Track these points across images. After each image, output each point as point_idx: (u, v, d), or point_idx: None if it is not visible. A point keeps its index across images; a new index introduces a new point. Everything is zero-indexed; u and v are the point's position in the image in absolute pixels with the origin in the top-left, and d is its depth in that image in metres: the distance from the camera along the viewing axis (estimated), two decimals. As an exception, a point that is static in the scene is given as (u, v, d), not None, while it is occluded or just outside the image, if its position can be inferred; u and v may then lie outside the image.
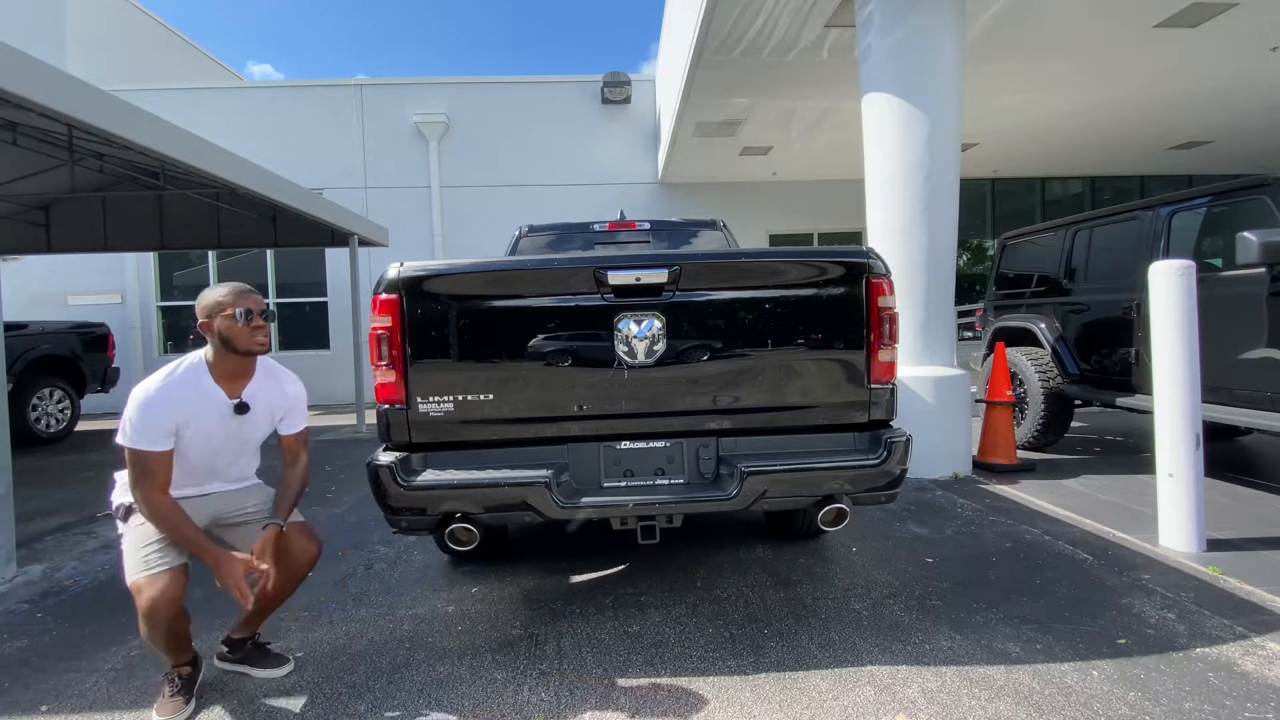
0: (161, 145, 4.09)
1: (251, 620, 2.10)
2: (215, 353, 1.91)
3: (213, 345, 1.91)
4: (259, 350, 1.94)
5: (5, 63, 2.90)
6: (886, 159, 4.52)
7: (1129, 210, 4.59)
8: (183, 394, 1.84)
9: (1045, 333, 5.14)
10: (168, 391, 1.81)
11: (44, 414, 6.94)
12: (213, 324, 1.89)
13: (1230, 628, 2.22)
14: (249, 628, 2.11)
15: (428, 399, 2.14)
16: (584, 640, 2.25)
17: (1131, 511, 3.53)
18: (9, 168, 5.91)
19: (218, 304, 1.89)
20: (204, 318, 1.90)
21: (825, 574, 2.79)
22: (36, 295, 9.83)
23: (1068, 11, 5.43)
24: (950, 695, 1.86)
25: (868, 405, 2.25)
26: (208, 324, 1.90)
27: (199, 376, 1.89)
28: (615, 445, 2.24)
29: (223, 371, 1.92)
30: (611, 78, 10.29)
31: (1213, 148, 9.70)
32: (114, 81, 8.85)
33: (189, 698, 1.93)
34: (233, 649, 2.09)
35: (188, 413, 1.83)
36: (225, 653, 2.10)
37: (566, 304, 2.18)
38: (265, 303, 1.97)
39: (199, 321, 1.92)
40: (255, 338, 1.91)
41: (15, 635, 2.44)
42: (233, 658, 2.09)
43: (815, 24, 5.54)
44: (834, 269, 2.22)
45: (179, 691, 1.92)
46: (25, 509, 4.04)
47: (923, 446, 3.95)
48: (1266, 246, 3.20)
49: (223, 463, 2.00)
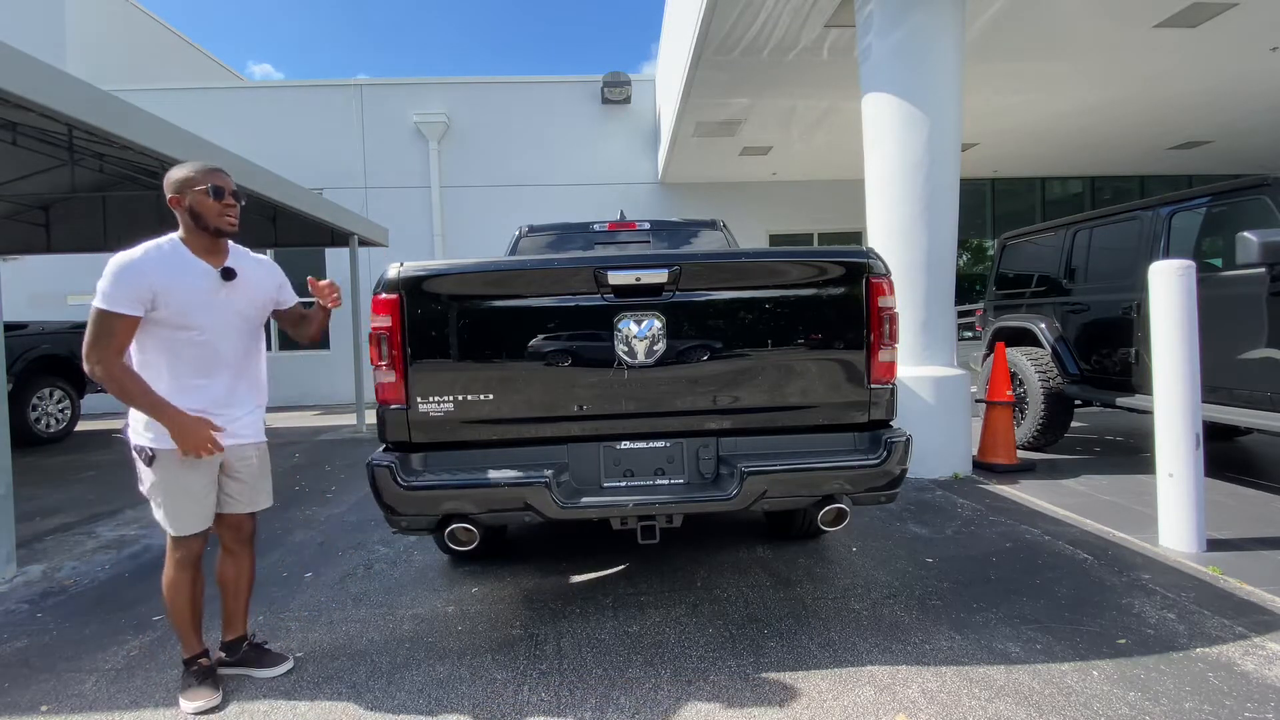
0: (161, 145, 4.09)
1: (233, 618, 2.10)
2: (186, 230, 1.89)
3: (183, 223, 1.88)
4: (228, 229, 1.91)
5: (5, 63, 2.90)
6: (886, 159, 4.52)
7: (1129, 210, 4.59)
8: (161, 261, 1.81)
9: (1045, 333, 5.14)
10: (146, 256, 1.79)
11: (44, 414, 6.94)
12: (183, 200, 1.86)
13: (1230, 628, 2.22)
14: (235, 627, 2.11)
15: (427, 399, 2.14)
16: (584, 640, 2.25)
17: (1131, 511, 3.53)
18: (9, 168, 5.90)
19: (187, 179, 1.86)
20: (173, 193, 1.87)
21: (825, 574, 2.79)
22: (36, 295, 9.82)
23: (1068, 11, 5.43)
24: (950, 695, 1.86)
25: (868, 405, 2.25)
26: (177, 199, 1.86)
27: (176, 248, 1.87)
28: (615, 445, 2.24)
29: (197, 246, 1.89)
30: (611, 78, 10.30)
31: (1213, 148, 9.70)
32: (114, 81, 8.85)
33: (217, 687, 1.95)
34: (229, 652, 2.10)
35: (166, 280, 1.79)
36: (223, 658, 2.10)
37: (566, 304, 2.18)
38: (234, 183, 1.95)
39: (168, 197, 1.88)
40: (226, 216, 1.89)
41: (15, 635, 2.44)
42: (230, 660, 2.10)
43: (815, 24, 5.54)
44: (834, 269, 2.22)
45: (205, 680, 1.95)
46: (25, 509, 4.04)
47: (923, 446, 3.95)
48: (1266, 246, 3.20)
49: (228, 347, 1.93)
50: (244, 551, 2.09)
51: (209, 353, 1.89)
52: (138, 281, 1.75)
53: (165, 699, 1.97)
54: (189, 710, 1.89)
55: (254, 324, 2.04)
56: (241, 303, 1.96)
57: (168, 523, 1.90)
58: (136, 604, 2.69)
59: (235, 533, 2.07)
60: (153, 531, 3.72)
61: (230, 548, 2.08)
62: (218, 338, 1.90)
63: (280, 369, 10.16)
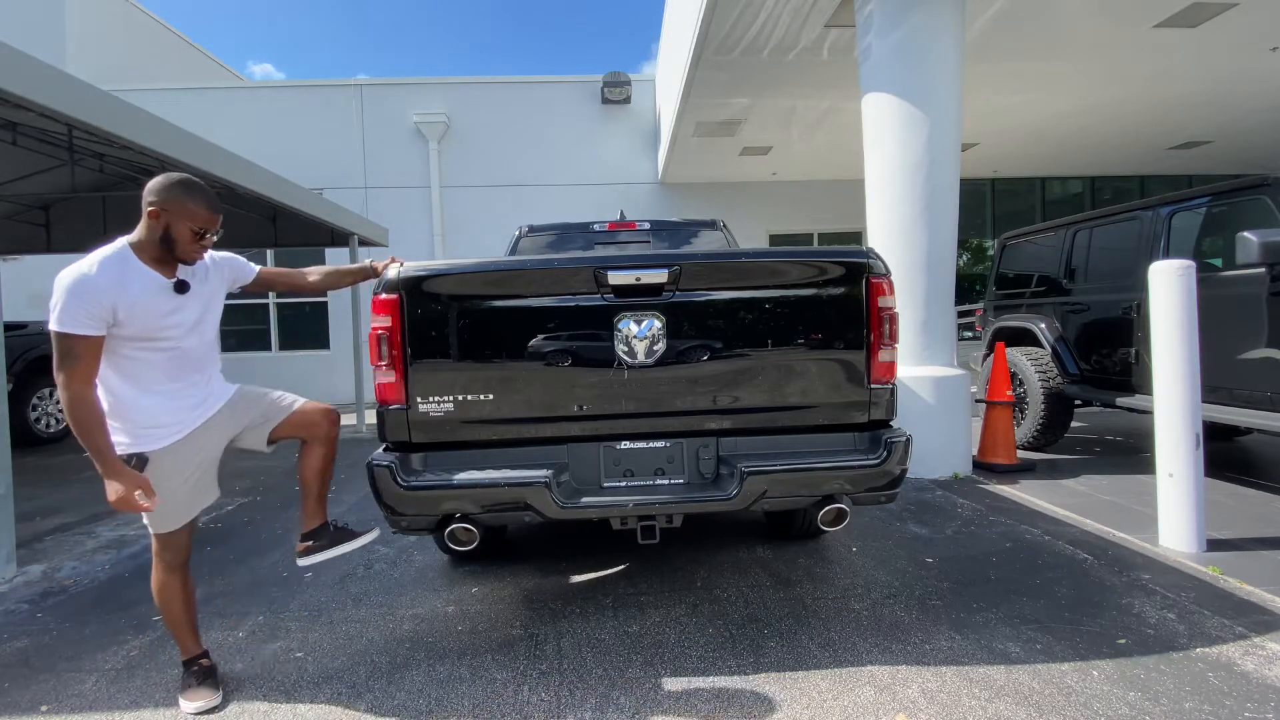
0: (161, 145, 4.09)
1: (313, 506, 2.09)
2: (146, 239, 1.78)
3: (147, 230, 1.78)
4: (191, 262, 1.86)
5: (5, 63, 2.90)
6: (886, 159, 4.52)
7: (1129, 210, 4.59)
8: (118, 277, 1.71)
9: (1045, 333, 5.14)
10: (102, 272, 1.69)
11: (44, 414, 6.94)
12: (162, 217, 1.76)
13: (1230, 628, 2.22)
14: (316, 516, 2.10)
15: (427, 399, 2.14)
16: (584, 640, 2.25)
17: (1131, 511, 3.53)
18: (9, 168, 5.90)
19: (180, 205, 1.77)
20: (157, 205, 1.76)
21: (825, 574, 2.79)
22: (36, 295, 9.77)
23: (1068, 11, 5.43)
24: (950, 695, 1.86)
25: (868, 405, 2.25)
26: (156, 213, 1.76)
27: (127, 260, 1.76)
28: (615, 445, 2.24)
29: (150, 256, 1.80)
30: (611, 78, 10.30)
31: (1213, 148, 9.70)
32: (114, 81, 8.85)
33: (217, 688, 1.95)
34: (317, 539, 2.08)
35: (125, 297, 1.71)
36: (311, 546, 2.08)
37: (566, 304, 2.18)
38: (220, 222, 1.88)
39: (148, 203, 1.76)
40: (197, 251, 1.84)
41: (15, 635, 2.44)
42: (320, 545, 2.08)
43: (815, 24, 5.54)
44: (834, 269, 2.22)
45: (205, 681, 1.95)
46: (25, 509, 4.04)
47: (923, 446, 3.95)
48: (1266, 246, 3.20)
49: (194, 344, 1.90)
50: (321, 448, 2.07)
51: (177, 357, 1.86)
52: (97, 300, 1.66)
53: (165, 699, 1.97)
54: (189, 710, 1.89)
55: (215, 315, 2.02)
56: (198, 308, 1.91)
57: (151, 521, 1.91)
58: (136, 604, 2.69)
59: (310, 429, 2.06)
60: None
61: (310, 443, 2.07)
62: (183, 342, 1.87)
63: (280, 369, 10.16)
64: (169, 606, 1.97)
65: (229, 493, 4.65)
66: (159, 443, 1.83)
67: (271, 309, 10.50)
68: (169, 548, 1.95)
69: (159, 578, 1.96)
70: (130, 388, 1.80)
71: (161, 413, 1.84)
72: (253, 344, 10.55)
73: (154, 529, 1.92)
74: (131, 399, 1.80)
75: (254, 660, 2.19)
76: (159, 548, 1.95)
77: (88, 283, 1.66)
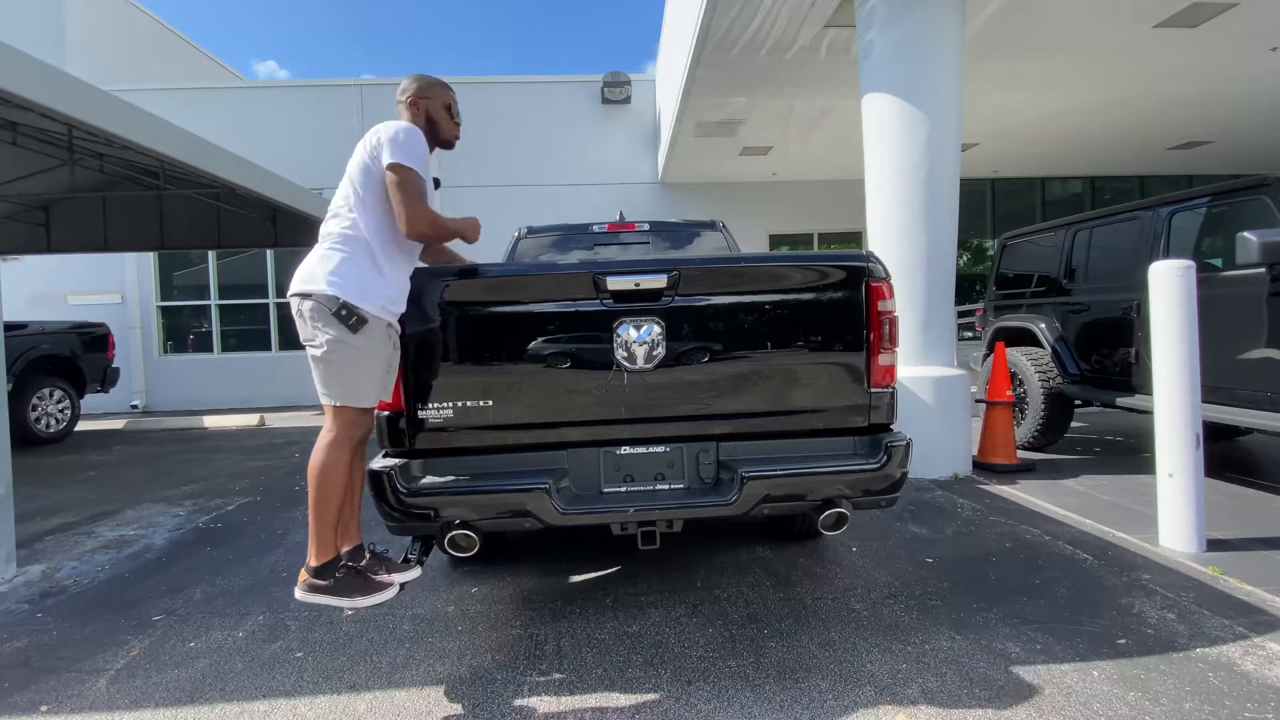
0: (161, 145, 4.10)
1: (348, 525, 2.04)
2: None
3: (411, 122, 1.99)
4: (451, 146, 2.15)
5: (5, 63, 2.90)
6: (886, 159, 4.51)
7: (1129, 210, 4.59)
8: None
9: (1045, 333, 5.14)
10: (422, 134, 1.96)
11: (44, 414, 6.94)
12: (423, 105, 2.03)
13: (1230, 628, 2.22)
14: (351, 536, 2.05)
15: (427, 405, 2.14)
16: (584, 640, 2.25)
17: (1131, 511, 3.53)
18: (9, 168, 5.91)
19: (432, 87, 2.06)
20: (416, 96, 2.03)
21: (825, 574, 2.79)
22: (36, 295, 9.82)
23: (1068, 11, 5.43)
24: (950, 695, 1.86)
25: (868, 409, 2.24)
26: (418, 103, 2.03)
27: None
28: (615, 450, 2.23)
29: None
30: (611, 78, 10.29)
31: (1213, 148, 9.70)
32: (114, 81, 8.84)
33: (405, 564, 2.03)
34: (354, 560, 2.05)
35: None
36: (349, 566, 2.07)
37: (566, 309, 2.18)
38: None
39: (408, 97, 2.03)
40: (455, 130, 2.14)
41: (15, 635, 2.44)
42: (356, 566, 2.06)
43: (814, 23, 5.55)
44: (834, 273, 2.22)
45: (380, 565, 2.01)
46: (25, 509, 4.04)
47: (923, 447, 3.94)
48: (1266, 246, 3.20)
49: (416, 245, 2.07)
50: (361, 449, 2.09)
51: (410, 250, 2.03)
52: (425, 151, 1.90)
53: (165, 699, 1.97)
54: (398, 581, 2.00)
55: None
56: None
57: (349, 395, 1.88)
58: (136, 604, 2.69)
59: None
60: (152, 531, 3.72)
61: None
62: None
63: (280, 369, 10.16)
64: (328, 489, 1.86)
65: (229, 493, 4.65)
66: (377, 312, 1.88)
67: (271, 309, 10.49)
68: (359, 425, 1.92)
69: (325, 458, 1.86)
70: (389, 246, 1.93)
71: (391, 287, 1.94)
72: (253, 344, 10.55)
73: (351, 402, 1.89)
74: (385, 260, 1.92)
75: (254, 660, 2.19)
76: (346, 423, 1.89)
77: (420, 136, 1.92)
